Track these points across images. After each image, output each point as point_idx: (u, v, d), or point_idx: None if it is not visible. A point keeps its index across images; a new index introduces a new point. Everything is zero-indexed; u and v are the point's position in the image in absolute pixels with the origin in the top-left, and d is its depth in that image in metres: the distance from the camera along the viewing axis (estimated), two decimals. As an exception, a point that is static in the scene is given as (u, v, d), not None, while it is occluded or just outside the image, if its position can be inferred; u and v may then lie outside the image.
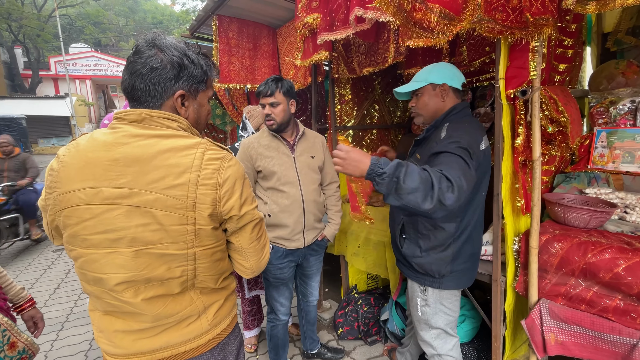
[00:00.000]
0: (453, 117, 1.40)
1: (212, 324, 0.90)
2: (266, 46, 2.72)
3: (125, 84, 0.82)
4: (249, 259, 0.93)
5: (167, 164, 0.77)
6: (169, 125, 0.81)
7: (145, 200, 0.76)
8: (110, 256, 0.78)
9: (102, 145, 0.77)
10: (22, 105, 15.69)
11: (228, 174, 0.82)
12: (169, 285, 0.82)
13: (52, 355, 2.38)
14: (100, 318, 0.87)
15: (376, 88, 2.55)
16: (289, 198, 1.67)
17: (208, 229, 0.82)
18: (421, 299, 1.51)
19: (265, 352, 2.31)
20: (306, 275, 1.94)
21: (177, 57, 0.81)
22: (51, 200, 0.80)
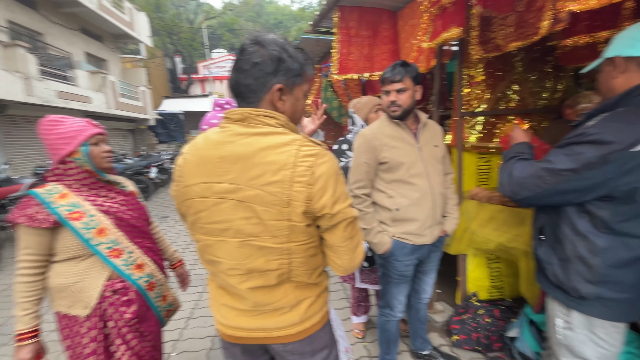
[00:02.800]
0: (633, 101, 1.03)
1: (302, 317, 0.94)
2: (386, 31, 2.62)
3: (232, 81, 0.87)
4: (341, 257, 0.93)
5: (266, 162, 0.80)
6: (267, 123, 0.84)
7: (247, 195, 0.82)
8: (220, 244, 0.88)
9: (213, 144, 0.85)
10: (180, 103, 19.67)
11: (321, 171, 0.82)
12: (268, 277, 0.88)
13: (200, 304, 2.94)
14: (214, 289, 1.01)
15: (516, 66, 2.14)
16: (418, 191, 1.58)
17: (302, 225, 0.84)
18: (563, 320, 1.22)
19: (372, 340, 2.32)
20: (423, 271, 1.84)
21: (277, 52, 0.83)
22: (177, 192, 0.93)
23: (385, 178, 1.60)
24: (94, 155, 1.28)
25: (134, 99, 12.62)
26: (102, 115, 10.70)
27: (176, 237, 5.03)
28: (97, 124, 1.32)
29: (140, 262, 1.34)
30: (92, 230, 1.23)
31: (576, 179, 1.03)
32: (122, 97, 11.60)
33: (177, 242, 4.79)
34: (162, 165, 8.97)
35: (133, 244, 1.33)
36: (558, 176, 1.06)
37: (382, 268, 1.75)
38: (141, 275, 1.33)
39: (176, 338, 2.46)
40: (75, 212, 1.22)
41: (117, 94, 11.18)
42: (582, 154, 1.02)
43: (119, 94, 11.31)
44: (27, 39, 8.80)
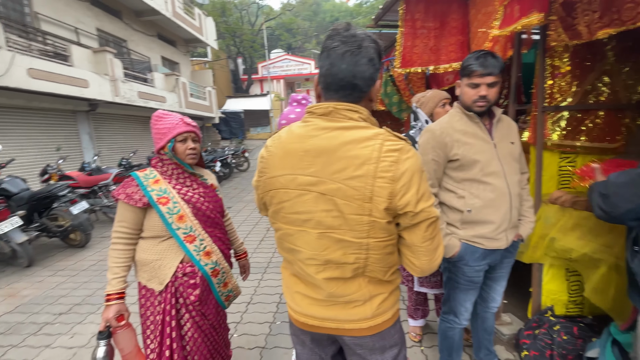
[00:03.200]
0: None
1: (374, 312, 0.93)
2: (455, 22, 2.47)
3: (345, 73, 0.82)
4: (420, 258, 0.90)
5: (349, 156, 0.81)
6: (351, 117, 0.84)
7: (329, 188, 0.83)
8: (301, 233, 0.91)
9: (297, 138, 0.88)
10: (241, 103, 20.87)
11: (406, 167, 0.80)
12: (344, 269, 0.89)
13: (258, 291, 3.11)
14: (288, 277, 1.03)
15: (608, 55, 1.86)
16: (494, 191, 1.46)
17: (383, 222, 0.83)
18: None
19: (431, 346, 2.23)
20: (493, 278, 1.71)
21: (380, 47, 0.86)
22: (261, 182, 0.97)
23: (455, 177, 1.50)
24: (179, 152, 1.41)
25: (201, 99, 13.70)
26: (174, 113, 11.82)
27: (237, 227, 5.33)
28: (189, 122, 1.42)
29: (209, 250, 1.44)
30: (174, 216, 1.36)
31: None
32: (192, 97, 12.68)
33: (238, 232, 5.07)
34: (225, 160, 9.63)
35: (205, 232, 1.44)
36: None
37: (447, 272, 1.65)
38: (208, 262, 1.43)
39: (238, 320, 2.63)
40: (163, 197, 1.37)
41: (187, 94, 12.24)
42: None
43: (189, 94, 12.37)
44: (113, 45, 10.04)
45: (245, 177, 10.42)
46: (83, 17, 8.85)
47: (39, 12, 7.60)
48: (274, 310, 2.77)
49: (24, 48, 6.38)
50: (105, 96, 8.05)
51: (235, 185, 9.24)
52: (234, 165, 10.66)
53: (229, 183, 9.63)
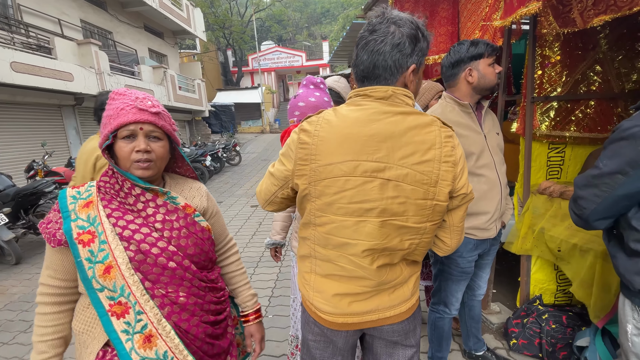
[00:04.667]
0: None
1: (412, 291, 0.95)
2: (444, 12, 2.44)
3: (366, 63, 0.84)
4: (453, 237, 0.94)
5: (415, 141, 0.81)
6: (407, 102, 0.84)
7: (398, 174, 0.81)
8: (361, 224, 0.85)
9: (356, 122, 0.83)
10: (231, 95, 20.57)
11: (460, 152, 0.85)
12: (394, 256, 0.89)
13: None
14: (319, 281, 0.94)
15: (600, 43, 1.85)
16: (487, 182, 1.47)
17: (444, 205, 0.85)
18: (633, 326, 1.10)
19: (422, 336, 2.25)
20: (480, 266, 1.73)
21: (414, 30, 0.81)
22: (307, 171, 0.85)
23: None
24: (120, 155, 0.87)
25: (190, 92, 13.47)
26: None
27: (228, 222, 5.31)
28: (145, 107, 0.87)
29: (151, 332, 0.83)
30: (96, 266, 0.82)
31: (629, 181, 0.95)
32: (180, 90, 12.44)
33: (229, 226, 5.06)
34: (216, 154, 9.52)
35: (150, 298, 0.84)
36: (610, 181, 0.98)
37: (439, 265, 1.66)
38: (145, 356, 0.82)
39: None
40: (87, 232, 0.83)
41: (175, 87, 12.01)
42: (622, 154, 0.96)
43: (177, 87, 12.14)
44: (99, 37, 9.77)
45: (237, 171, 10.33)
46: (66, 9, 8.55)
47: (21, 4, 7.33)
48: (266, 304, 2.77)
49: (6, 41, 6.18)
50: (91, 90, 7.84)
51: (226, 180, 9.16)
52: (225, 159, 10.55)
53: (220, 177, 9.55)
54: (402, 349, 1.00)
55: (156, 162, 0.91)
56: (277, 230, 1.71)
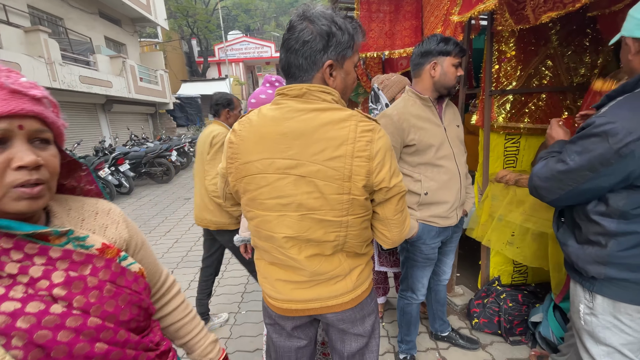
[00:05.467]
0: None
1: (354, 284, 0.96)
2: (409, 6, 2.49)
3: (282, 62, 0.87)
4: (391, 230, 0.95)
5: (327, 137, 0.82)
6: (324, 99, 0.85)
7: (310, 170, 0.83)
8: (281, 218, 0.89)
9: (271, 121, 0.86)
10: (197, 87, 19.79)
11: (379, 146, 0.84)
12: (323, 247, 0.91)
13: (222, 283, 3.04)
14: (265, 266, 1.00)
15: (552, 39, 1.98)
16: (447, 173, 1.54)
17: (361, 199, 0.86)
18: (585, 306, 1.19)
19: (391, 321, 2.34)
20: (444, 252, 1.82)
21: (326, 26, 0.81)
22: (233, 169, 0.92)
23: (411, 161, 1.55)
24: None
25: (153, 83, 12.79)
26: (123, 100, 10.92)
27: (197, 219, 5.16)
28: (24, 88, 0.52)
29: None
30: None
31: (597, 177, 0.97)
32: (142, 81, 11.78)
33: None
34: (182, 148, 9.16)
35: None
36: (577, 177, 1.00)
37: (405, 252, 1.72)
38: None
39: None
40: None
41: (136, 78, 11.35)
42: (593, 150, 0.95)
43: (138, 78, 11.48)
44: (48, 24, 8.97)
45: (206, 166, 10.03)
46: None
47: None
48: (239, 300, 2.74)
49: None
50: (41, 81, 7.21)
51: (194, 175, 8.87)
52: (192, 153, 10.19)
53: (188, 172, 9.23)
54: (353, 337, 1.04)
55: (49, 183, 0.55)
56: (245, 226, 1.69)
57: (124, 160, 6.77)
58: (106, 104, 10.43)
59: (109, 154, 6.88)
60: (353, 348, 1.05)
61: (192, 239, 4.28)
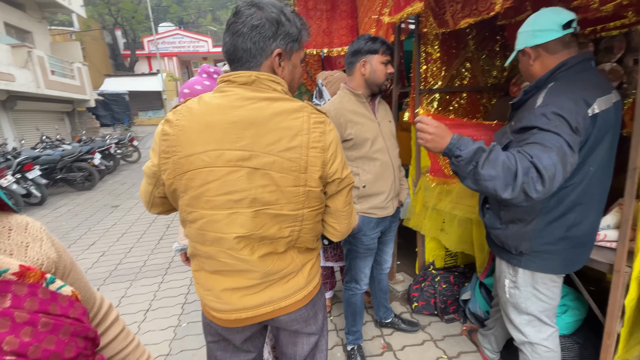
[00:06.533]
0: (562, 75, 1.14)
1: (307, 280, 0.95)
2: (344, 5, 2.55)
3: (227, 45, 0.82)
4: (341, 222, 0.96)
5: (281, 127, 0.79)
6: (274, 88, 0.82)
7: (264, 162, 0.79)
8: (232, 216, 0.81)
9: (218, 109, 0.79)
10: (124, 82, 18.02)
11: (331, 138, 0.85)
12: (277, 244, 0.87)
13: (159, 295, 2.81)
14: (208, 278, 0.90)
15: (469, 44, 2.21)
16: (382, 165, 1.62)
17: (317, 190, 0.85)
18: (509, 280, 1.37)
19: (338, 314, 2.39)
20: (383, 242, 1.92)
21: (275, 14, 0.81)
22: (170, 165, 0.81)
23: (350, 156, 1.60)
24: None
25: (68, 77, 11.32)
26: (31, 96, 9.46)
27: (128, 227, 4.71)
28: None
29: None
30: None
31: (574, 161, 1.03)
32: (53, 74, 10.32)
33: (130, 232, 4.49)
34: (107, 150, 8.23)
35: None
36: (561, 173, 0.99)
37: (348, 245, 1.78)
38: None
39: (134, 332, 2.34)
40: None
41: (46, 71, 9.91)
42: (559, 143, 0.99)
43: (49, 71, 10.04)
44: None
45: (136, 170, 9.15)
46: None
47: None
48: (179, 313, 2.56)
49: None
50: None
51: (123, 180, 8.04)
52: (120, 156, 9.25)
53: (115, 177, 8.32)
54: (305, 337, 1.02)
55: None
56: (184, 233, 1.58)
57: (33, 166, 5.84)
58: (8, 100, 8.91)
59: (13, 158, 5.85)
60: (305, 350, 1.03)
61: (122, 250, 3.89)
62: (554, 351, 1.39)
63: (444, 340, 2.07)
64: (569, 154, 1.00)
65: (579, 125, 1.03)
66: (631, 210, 1.21)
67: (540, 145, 1.00)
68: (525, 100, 1.24)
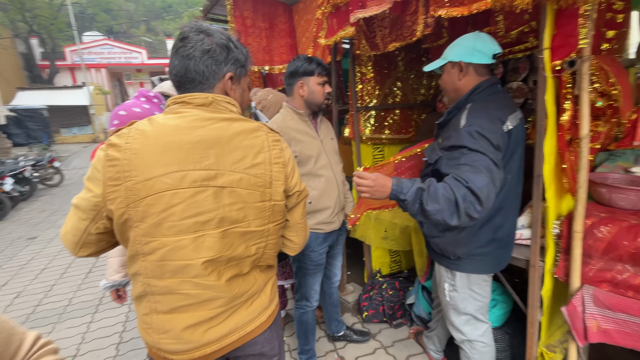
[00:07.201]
0: (476, 97, 1.30)
1: (270, 298, 0.96)
2: (282, 24, 2.60)
3: (177, 68, 0.83)
4: (299, 234, 1.01)
5: (244, 145, 0.83)
6: (231, 109, 0.86)
7: (231, 180, 0.80)
8: (199, 240, 0.79)
9: (176, 129, 0.78)
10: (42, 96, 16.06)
11: (289, 154, 0.92)
12: (242, 265, 0.88)
13: (88, 337, 2.49)
14: (163, 319, 0.82)
15: (399, 65, 2.41)
16: (326, 182, 1.66)
17: (281, 204, 0.90)
18: (449, 284, 1.48)
19: (291, 334, 2.35)
20: (332, 255, 1.95)
21: (225, 41, 0.85)
22: (121, 193, 0.74)
23: None
24: None
25: (-32, 91, 9.75)
26: None
27: (49, 262, 4.14)
28: None
29: None
30: None
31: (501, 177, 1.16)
32: (-52, 87, 8.82)
33: (51, 268, 3.95)
34: (21, 174, 7.17)
35: None
36: (493, 190, 1.10)
37: (297, 262, 1.77)
38: None
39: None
40: None
41: (-62, 84, 8.43)
42: (487, 163, 1.11)
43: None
44: None
45: (57, 194, 8.03)
46: None
47: None
48: (113, 355, 2.29)
49: None
50: None
51: (41, 207, 6.97)
52: (38, 179, 8.10)
53: (32, 205, 7.18)
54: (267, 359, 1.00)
55: None
56: (114, 268, 1.43)
57: None
58: None
59: None
60: None
61: (41, 289, 3.40)
62: (490, 345, 1.53)
63: (393, 346, 2.15)
64: (496, 170, 1.12)
65: (500, 143, 1.17)
66: (539, 211, 1.39)
67: (470, 167, 1.10)
68: (449, 119, 1.37)
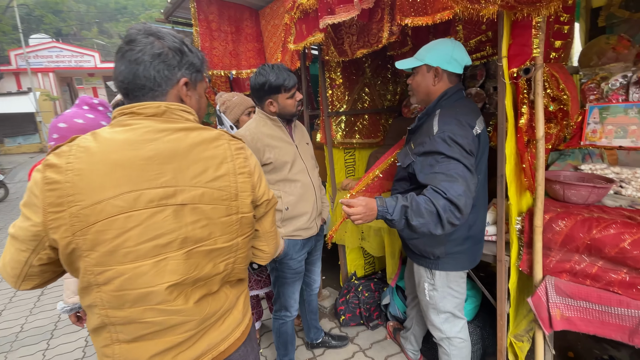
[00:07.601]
0: (444, 103, 1.37)
1: (243, 313, 0.91)
2: (249, 29, 2.57)
3: (124, 74, 0.74)
4: (270, 243, 0.97)
5: (204, 157, 0.76)
6: (187, 118, 0.79)
7: (192, 196, 0.73)
8: (161, 264, 0.71)
9: (126, 144, 0.69)
10: (-19, 103, 14.60)
11: (254, 162, 0.86)
12: (211, 284, 0.82)
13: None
14: (127, 349, 0.75)
15: (366, 71, 2.46)
16: (303, 187, 1.63)
17: (249, 216, 0.84)
18: (428, 284, 1.52)
19: (268, 345, 2.29)
20: (311, 262, 1.92)
21: (178, 44, 0.78)
22: (65, 220, 0.65)
23: (270, 179, 1.59)
24: None
25: None
26: None
27: (-6, 284, 3.72)
28: None
29: None
30: None
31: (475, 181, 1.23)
32: None
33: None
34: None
35: None
36: (469, 196, 1.17)
37: (275, 272, 1.73)
38: None
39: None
40: None
41: None
42: (461, 171, 1.17)
43: None
44: None
45: (2, 210, 7.32)
46: None
47: None
48: (74, 381, 2.11)
49: None
50: None
51: (-15, 224, 6.37)
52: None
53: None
54: None
55: None
56: (72, 289, 1.31)
57: None
58: None
59: None
60: None
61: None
62: (466, 340, 1.59)
63: (371, 348, 2.16)
64: (469, 177, 1.19)
65: (472, 147, 1.24)
66: (503, 209, 1.47)
67: (445, 175, 1.17)
68: (420, 125, 1.42)
